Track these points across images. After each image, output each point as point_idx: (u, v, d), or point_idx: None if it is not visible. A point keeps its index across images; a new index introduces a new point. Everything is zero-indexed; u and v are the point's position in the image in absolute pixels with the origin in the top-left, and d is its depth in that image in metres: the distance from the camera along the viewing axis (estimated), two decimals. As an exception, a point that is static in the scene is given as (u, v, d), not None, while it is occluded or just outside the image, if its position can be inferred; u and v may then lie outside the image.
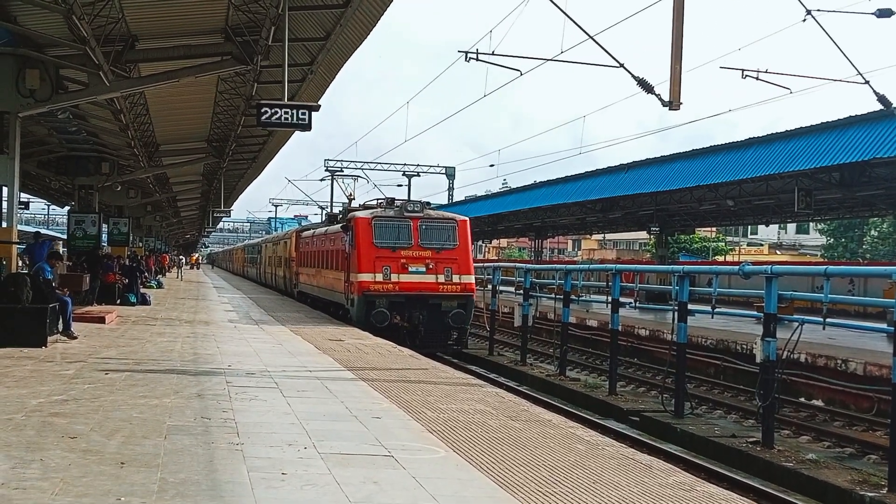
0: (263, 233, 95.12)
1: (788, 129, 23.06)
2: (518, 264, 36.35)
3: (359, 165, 55.61)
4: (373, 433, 7.52)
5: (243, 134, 23.52)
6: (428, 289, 20.46)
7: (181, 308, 24.13)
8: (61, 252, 23.25)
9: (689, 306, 14.10)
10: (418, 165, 61.50)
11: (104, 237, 28.91)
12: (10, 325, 12.45)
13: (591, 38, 14.72)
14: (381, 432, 7.57)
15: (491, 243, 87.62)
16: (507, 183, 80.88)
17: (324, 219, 35.83)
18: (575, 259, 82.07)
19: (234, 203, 53.92)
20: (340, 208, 37.93)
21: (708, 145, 26.91)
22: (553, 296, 21.72)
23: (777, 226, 73.75)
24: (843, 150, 20.00)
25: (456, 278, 20.60)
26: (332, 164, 53.41)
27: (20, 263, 17.01)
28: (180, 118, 23.22)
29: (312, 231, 30.72)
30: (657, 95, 13.57)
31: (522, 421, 8.82)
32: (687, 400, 14.41)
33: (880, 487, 9.83)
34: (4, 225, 14.69)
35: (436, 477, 6.10)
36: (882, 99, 16.82)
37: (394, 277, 20.28)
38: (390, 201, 22.46)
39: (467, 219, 21.98)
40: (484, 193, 66.33)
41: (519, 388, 16.99)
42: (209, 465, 6.06)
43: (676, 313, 13.93)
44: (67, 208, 33.63)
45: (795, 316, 12.46)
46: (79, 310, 17.13)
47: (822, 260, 62.38)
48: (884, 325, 14.20)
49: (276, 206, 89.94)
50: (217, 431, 7.21)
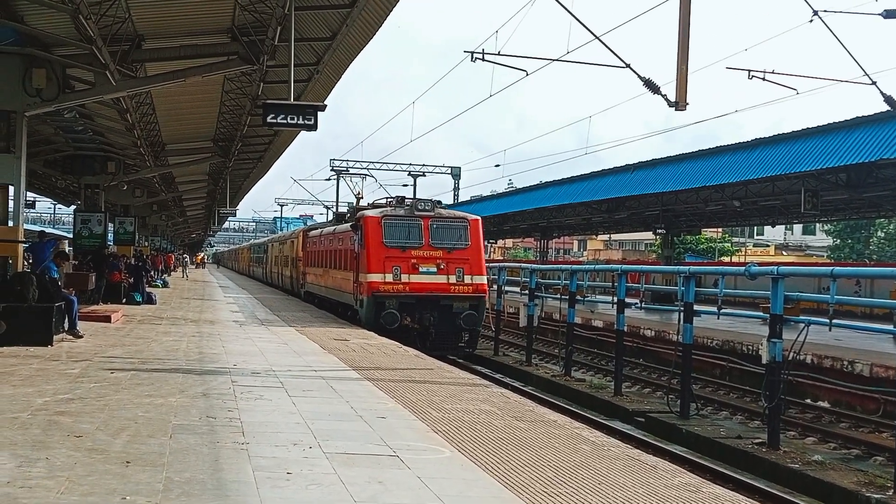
0: (269, 232, 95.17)
1: (795, 129, 23.06)
2: (523, 264, 36.27)
3: (364, 165, 55.49)
4: (378, 433, 7.52)
5: (249, 133, 23.53)
6: (439, 289, 19.98)
7: (187, 307, 24.18)
8: (68, 251, 23.28)
9: (695, 307, 14.09)
10: (424, 165, 61.26)
11: (110, 236, 28.91)
12: (17, 323, 12.48)
13: (597, 38, 14.71)
14: (387, 432, 7.57)
15: (496, 243, 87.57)
16: (512, 183, 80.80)
17: (331, 218, 35.51)
18: (580, 259, 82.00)
19: (240, 202, 54.04)
20: (347, 207, 37.82)
21: (714, 146, 26.85)
22: (558, 296, 21.66)
23: (783, 227, 73.57)
24: (849, 151, 19.94)
25: (468, 279, 20.11)
26: (337, 164, 53.36)
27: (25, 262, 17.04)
28: (186, 118, 23.26)
29: (320, 230, 30.20)
30: (663, 96, 13.53)
31: (527, 421, 8.81)
32: (693, 401, 14.39)
33: (886, 489, 9.81)
34: (11, 224, 14.72)
35: (441, 477, 6.10)
36: (889, 100, 16.75)
37: (404, 278, 19.82)
38: (400, 200, 21.79)
39: (479, 218, 21.48)
40: (489, 193, 66.25)
41: (524, 389, 16.99)
42: (214, 464, 6.06)
43: (682, 314, 13.92)
44: (73, 207, 33.67)
45: (802, 317, 12.45)
46: (84, 309, 17.18)
47: (828, 261, 62.28)
48: (890, 327, 14.22)
49: (282, 206, 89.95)
50: (222, 431, 7.21)
